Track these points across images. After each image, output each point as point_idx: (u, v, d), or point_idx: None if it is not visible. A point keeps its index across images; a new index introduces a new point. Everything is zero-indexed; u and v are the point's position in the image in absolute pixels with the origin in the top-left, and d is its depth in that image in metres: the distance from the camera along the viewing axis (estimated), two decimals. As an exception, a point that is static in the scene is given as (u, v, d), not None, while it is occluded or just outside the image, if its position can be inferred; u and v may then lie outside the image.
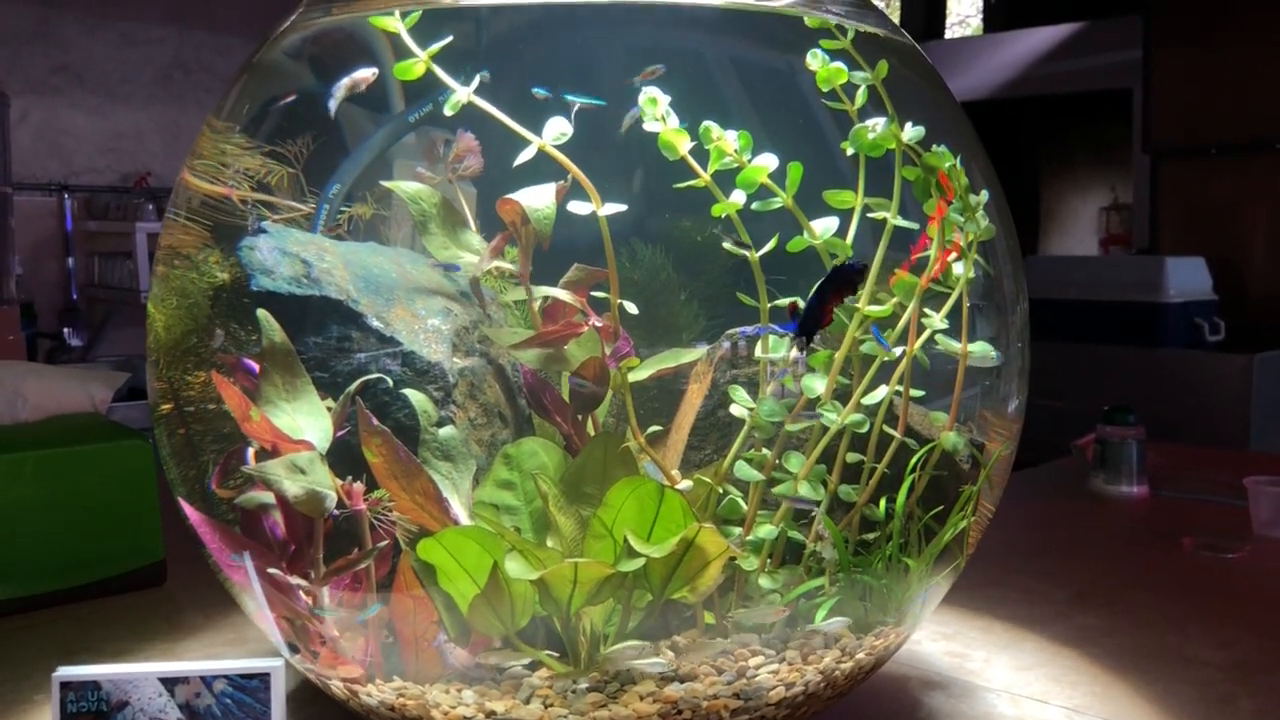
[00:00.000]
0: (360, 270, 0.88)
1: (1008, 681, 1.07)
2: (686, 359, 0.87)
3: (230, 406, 0.83)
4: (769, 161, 0.85)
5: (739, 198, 0.86)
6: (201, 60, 4.66)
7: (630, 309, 0.86)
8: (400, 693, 0.83)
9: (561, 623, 0.82)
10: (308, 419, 0.83)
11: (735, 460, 0.87)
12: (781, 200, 0.87)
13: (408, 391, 0.85)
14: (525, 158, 0.82)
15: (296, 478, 0.81)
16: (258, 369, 0.84)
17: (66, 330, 4.25)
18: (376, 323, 0.86)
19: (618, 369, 0.86)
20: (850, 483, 0.89)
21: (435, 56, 0.83)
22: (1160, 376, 3.47)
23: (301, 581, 0.83)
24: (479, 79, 0.83)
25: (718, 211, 0.86)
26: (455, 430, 0.86)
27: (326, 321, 0.86)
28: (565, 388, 0.90)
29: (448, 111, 0.83)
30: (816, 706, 0.88)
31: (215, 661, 0.81)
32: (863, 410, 0.88)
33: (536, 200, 0.83)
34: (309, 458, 0.82)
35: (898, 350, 0.89)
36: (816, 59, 0.88)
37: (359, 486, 0.83)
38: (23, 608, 1.27)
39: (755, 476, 0.87)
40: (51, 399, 1.47)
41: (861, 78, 0.89)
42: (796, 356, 0.88)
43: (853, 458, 0.89)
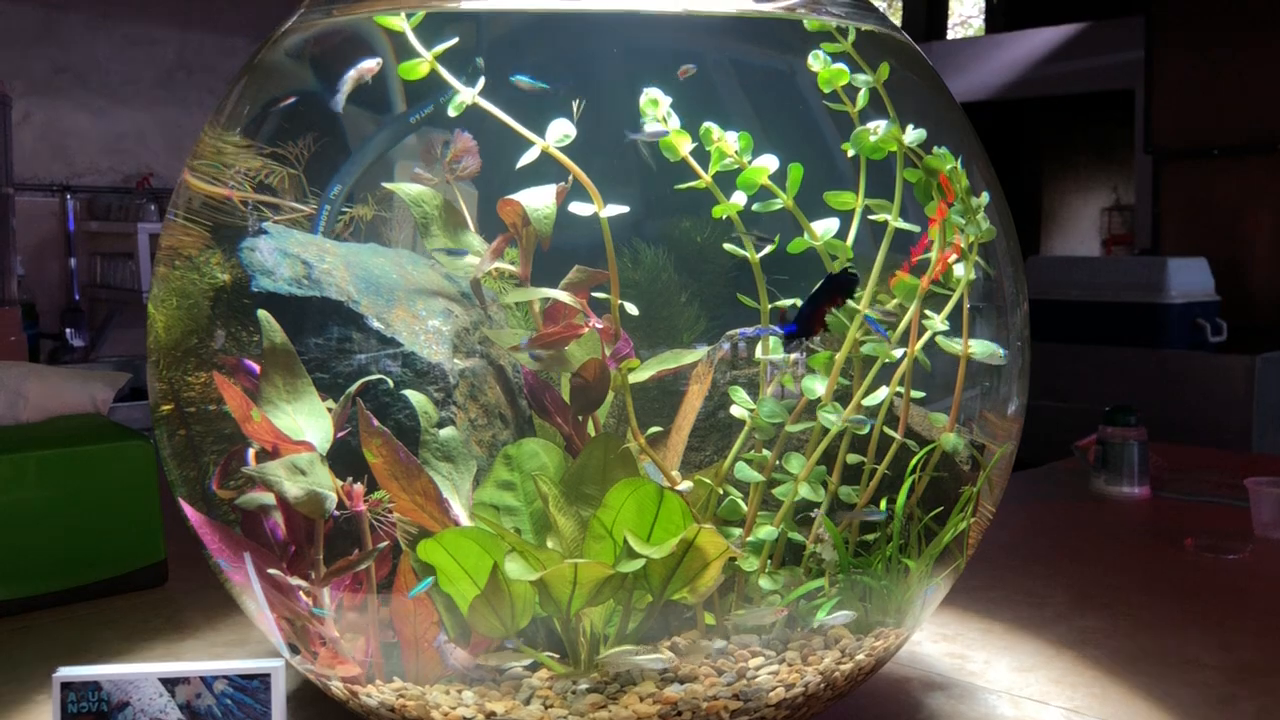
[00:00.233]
0: (361, 271, 0.88)
1: (1008, 683, 1.07)
2: (687, 360, 0.87)
3: (231, 407, 0.83)
4: (769, 163, 0.85)
5: (740, 199, 0.86)
6: (204, 61, 4.66)
7: (631, 310, 0.86)
8: (400, 693, 0.83)
9: (561, 624, 0.82)
10: (308, 420, 0.83)
11: (735, 461, 0.87)
12: (782, 201, 0.87)
13: (408, 392, 0.85)
14: (529, 159, 0.83)
15: (297, 479, 0.81)
16: (258, 370, 0.84)
17: (68, 331, 4.25)
18: (377, 324, 0.86)
19: (618, 370, 0.86)
20: (850, 484, 0.89)
21: (439, 57, 0.84)
22: (1162, 377, 3.47)
23: (302, 582, 0.84)
24: (480, 81, 0.83)
25: (718, 213, 0.86)
26: (456, 431, 0.86)
27: (327, 322, 0.86)
28: (566, 388, 0.90)
29: (452, 113, 0.83)
30: (816, 708, 0.88)
31: (216, 662, 0.81)
32: (863, 411, 0.88)
33: (537, 201, 0.84)
34: (309, 459, 0.82)
35: (898, 352, 0.89)
36: (818, 60, 0.88)
37: (359, 487, 0.83)
38: (24, 608, 1.27)
39: (755, 477, 0.87)
40: (53, 399, 1.48)
41: (863, 80, 0.89)
42: (797, 358, 0.88)
43: (853, 459, 0.89)
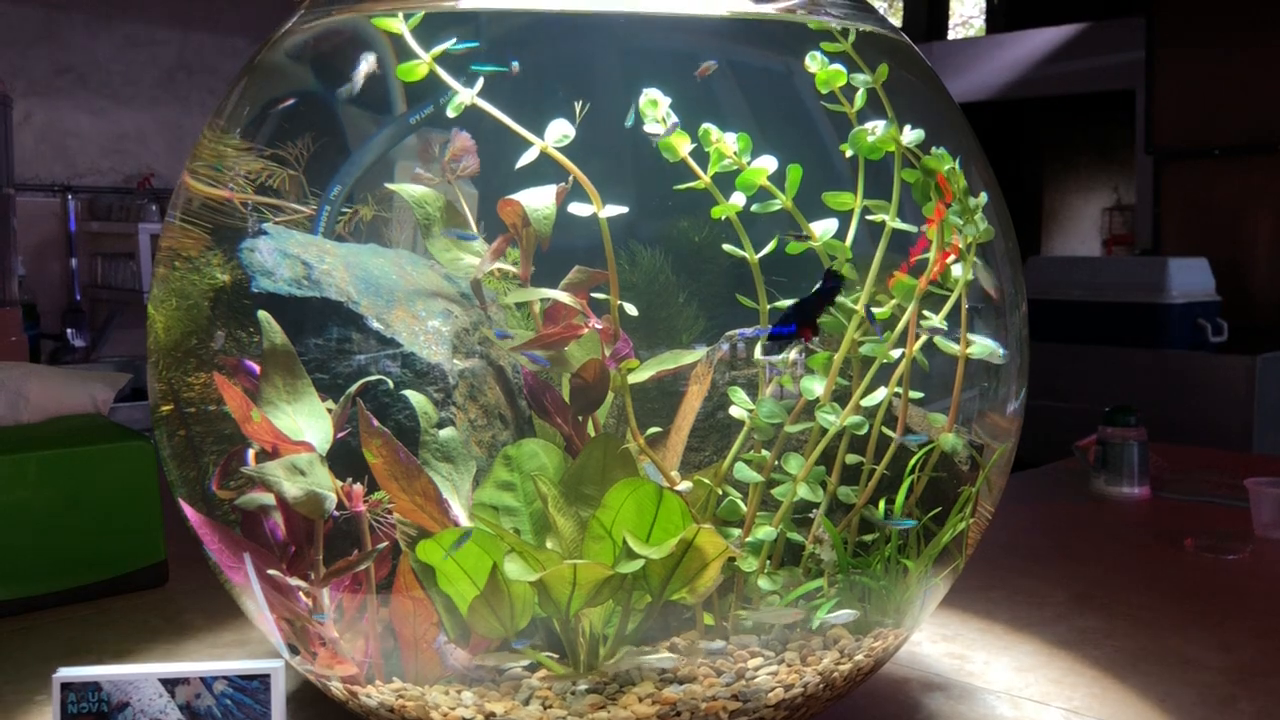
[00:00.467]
0: (361, 272, 0.88)
1: (1008, 683, 1.07)
2: (686, 360, 0.87)
3: (231, 408, 0.83)
4: (768, 163, 0.86)
5: (739, 200, 0.86)
6: (205, 62, 4.66)
7: (630, 310, 0.86)
8: (399, 694, 0.83)
9: (561, 624, 0.82)
10: (308, 420, 0.83)
11: (734, 461, 0.87)
12: (781, 202, 0.87)
13: (408, 393, 0.85)
14: (527, 160, 0.83)
15: (296, 479, 0.81)
16: (258, 370, 0.84)
17: (69, 331, 4.26)
18: (377, 324, 0.86)
19: (617, 370, 0.86)
20: (849, 484, 0.89)
21: (438, 58, 0.84)
22: (1163, 377, 3.47)
23: (301, 583, 0.84)
24: (480, 82, 0.83)
25: (717, 213, 0.86)
26: (455, 432, 0.86)
27: (327, 323, 0.86)
28: (566, 389, 0.90)
29: (451, 113, 0.83)
30: (815, 708, 0.88)
31: (215, 662, 0.82)
32: (861, 412, 0.88)
33: (537, 201, 0.84)
34: (309, 459, 0.82)
35: (896, 352, 0.89)
36: (816, 61, 0.88)
37: (359, 488, 0.83)
38: (24, 608, 1.27)
39: (754, 478, 0.87)
40: (53, 400, 1.48)
41: (861, 80, 0.89)
42: (796, 358, 0.88)
43: (852, 459, 0.89)
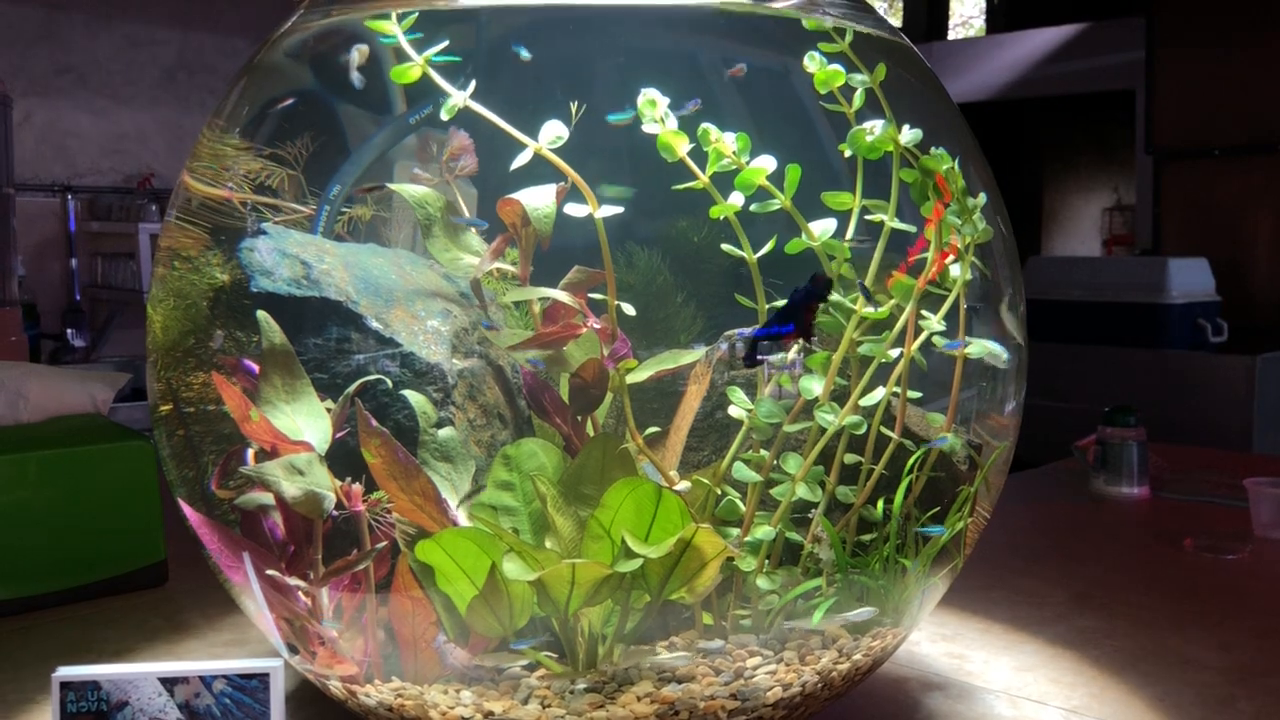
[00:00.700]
0: (360, 272, 0.89)
1: (1007, 683, 1.07)
2: (685, 360, 0.87)
3: (230, 407, 0.83)
4: (767, 163, 0.86)
5: (737, 199, 0.86)
6: (205, 62, 4.66)
7: (628, 310, 0.86)
8: (398, 693, 0.83)
9: (559, 623, 0.83)
10: (307, 420, 0.83)
11: (733, 461, 0.87)
12: (780, 202, 0.87)
13: (407, 393, 0.85)
14: (521, 161, 0.83)
15: (295, 479, 0.81)
16: (257, 370, 0.84)
17: (69, 331, 4.26)
18: (376, 324, 0.86)
19: (616, 370, 0.86)
20: (848, 483, 0.89)
21: (432, 59, 0.84)
22: (1163, 378, 3.47)
23: (300, 582, 0.84)
24: (472, 84, 0.83)
25: (716, 213, 0.86)
26: (454, 431, 0.86)
27: (326, 323, 0.86)
28: (565, 389, 0.90)
29: (444, 116, 0.83)
30: (814, 707, 0.88)
31: (215, 662, 0.82)
32: (860, 412, 0.88)
33: (537, 200, 0.84)
34: (308, 459, 0.82)
35: (894, 352, 0.89)
36: (814, 61, 0.88)
37: (358, 488, 0.83)
38: (24, 608, 1.27)
39: (753, 477, 0.87)
40: (53, 400, 1.48)
41: (859, 80, 0.89)
42: (794, 358, 0.88)
43: (850, 459, 0.89)
